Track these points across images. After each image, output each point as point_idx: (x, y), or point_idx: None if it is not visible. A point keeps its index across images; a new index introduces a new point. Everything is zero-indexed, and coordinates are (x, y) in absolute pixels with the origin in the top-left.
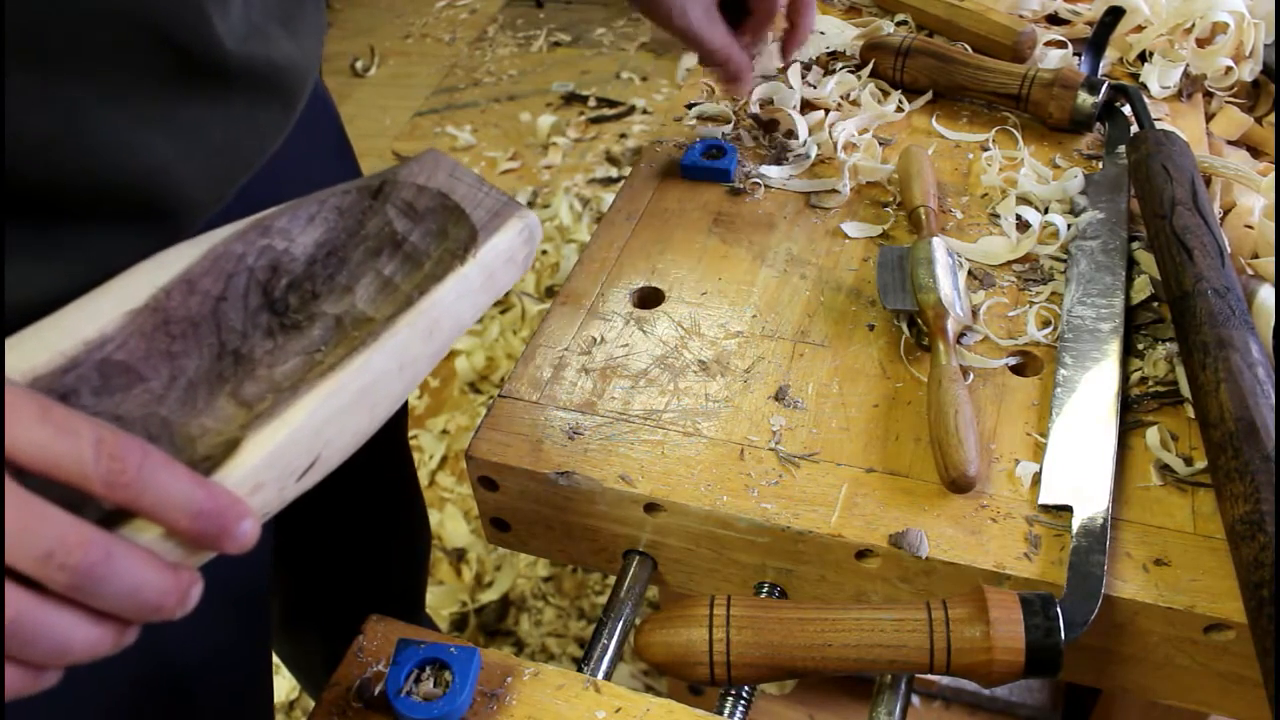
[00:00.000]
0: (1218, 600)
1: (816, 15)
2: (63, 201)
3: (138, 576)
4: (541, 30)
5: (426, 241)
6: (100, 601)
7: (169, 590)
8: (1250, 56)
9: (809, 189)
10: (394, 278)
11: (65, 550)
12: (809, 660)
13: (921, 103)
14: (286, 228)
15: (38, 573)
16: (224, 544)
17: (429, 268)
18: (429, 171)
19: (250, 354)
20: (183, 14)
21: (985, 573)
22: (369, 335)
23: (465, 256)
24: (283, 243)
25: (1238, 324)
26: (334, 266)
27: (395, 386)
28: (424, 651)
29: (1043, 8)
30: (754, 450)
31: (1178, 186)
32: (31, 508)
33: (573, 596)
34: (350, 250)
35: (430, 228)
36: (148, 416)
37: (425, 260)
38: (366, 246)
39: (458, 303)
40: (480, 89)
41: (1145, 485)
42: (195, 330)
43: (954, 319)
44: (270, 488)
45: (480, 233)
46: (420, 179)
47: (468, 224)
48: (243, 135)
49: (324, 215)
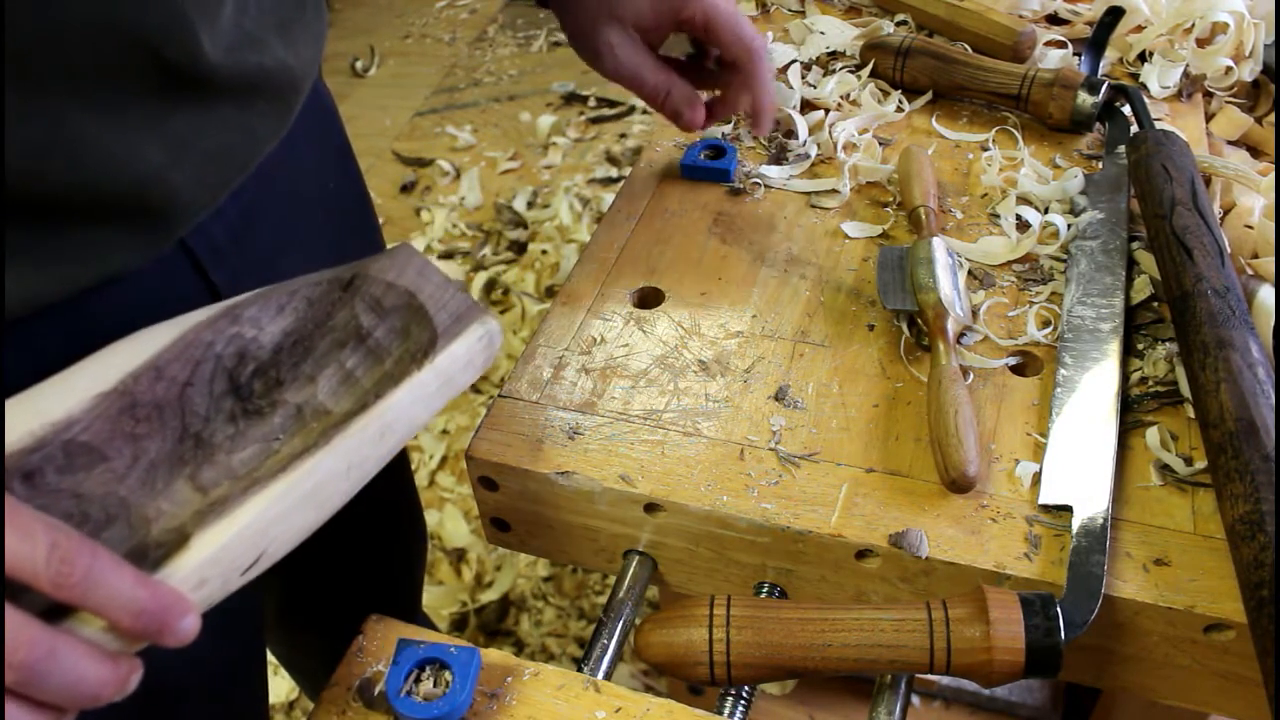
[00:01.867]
0: (1218, 600)
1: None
2: (57, 208)
3: (79, 670)
4: (541, 30)
5: (390, 339)
6: (42, 695)
7: (108, 681)
8: (1250, 56)
9: (809, 189)
10: (355, 371)
11: (12, 649)
12: (809, 660)
13: (921, 103)
14: (256, 316)
15: None
16: (164, 639)
17: (389, 366)
18: (399, 268)
19: (211, 439)
20: (169, 27)
21: (985, 573)
22: (322, 435)
23: (423, 361)
24: (252, 331)
25: (1238, 324)
26: (299, 355)
27: (342, 486)
28: (424, 651)
29: (1043, 8)
30: (754, 450)
31: (1178, 186)
32: None
33: (573, 596)
34: (316, 340)
35: (394, 325)
36: (107, 495)
37: (387, 358)
38: (333, 338)
39: (412, 406)
40: (480, 89)
41: (1145, 485)
42: (160, 414)
43: (954, 319)
44: (214, 583)
45: (440, 338)
46: (390, 275)
47: (430, 326)
48: (234, 141)
49: (294, 305)
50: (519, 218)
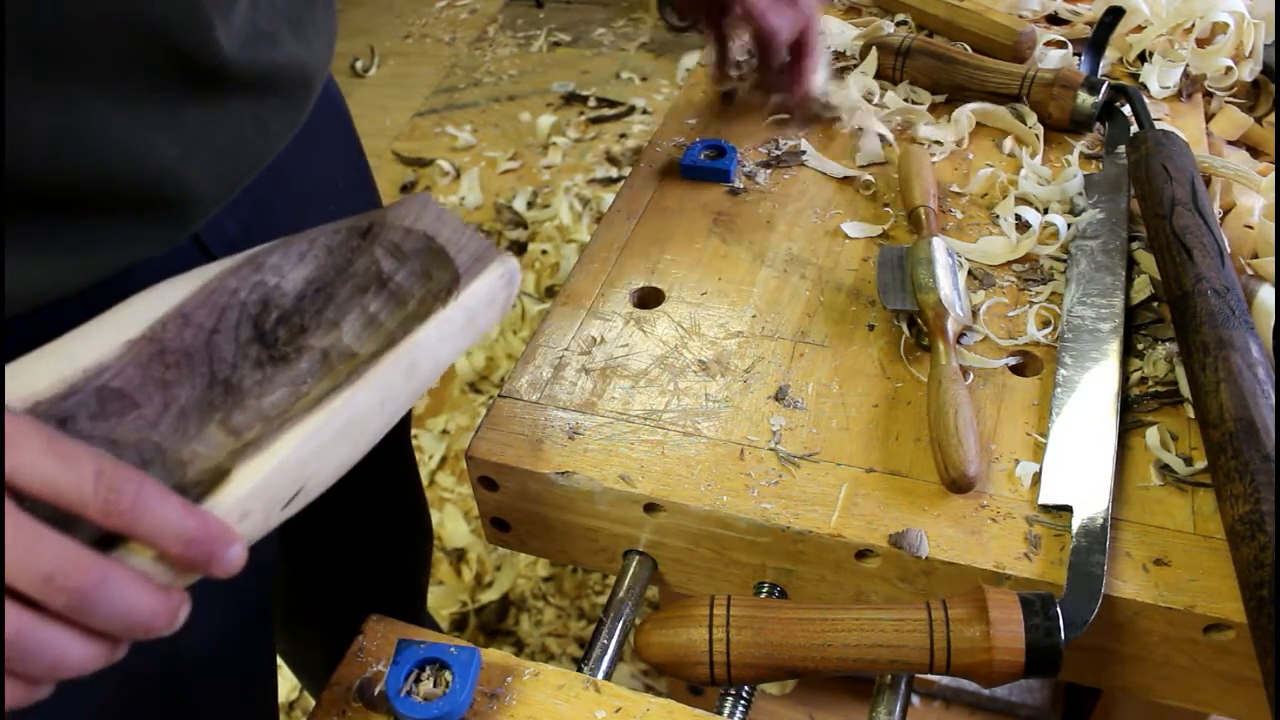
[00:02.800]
0: (1218, 600)
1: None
2: (72, 199)
3: (130, 599)
4: (541, 30)
5: (411, 282)
6: (95, 621)
7: (159, 612)
8: (1250, 56)
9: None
10: (379, 315)
11: (64, 574)
12: (809, 660)
13: (926, 104)
14: (278, 264)
15: (38, 593)
16: (212, 568)
17: (413, 307)
18: (416, 214)
19: (240, 384)
20: (186, 22)
21: (985, 573)
22: (353, 372)
23: (448, 299)
24: (274, 279)
25: (1238, 324)
26: (322, 302)
27: (376, 422)
28: (424, 651)
29: (1043, 8)
30: (754, 450)
31: (1178, 186)
32: (34, 532)
33: (573, 596)
34: (338, 287)
35: (415, 269)
36: (141, 441)
37: (410, 300)
38: (354, 284)
39: (439, 344)
40: (480, 89)
41: (1145, 485)
42: (189, 360)
43: (954, 319)
44: (257, 516)
45: (463, 276)
46: (408, 221)
47: (451, 267)
48: (248, 136)
49: (314, 253)
50: (519, 218)
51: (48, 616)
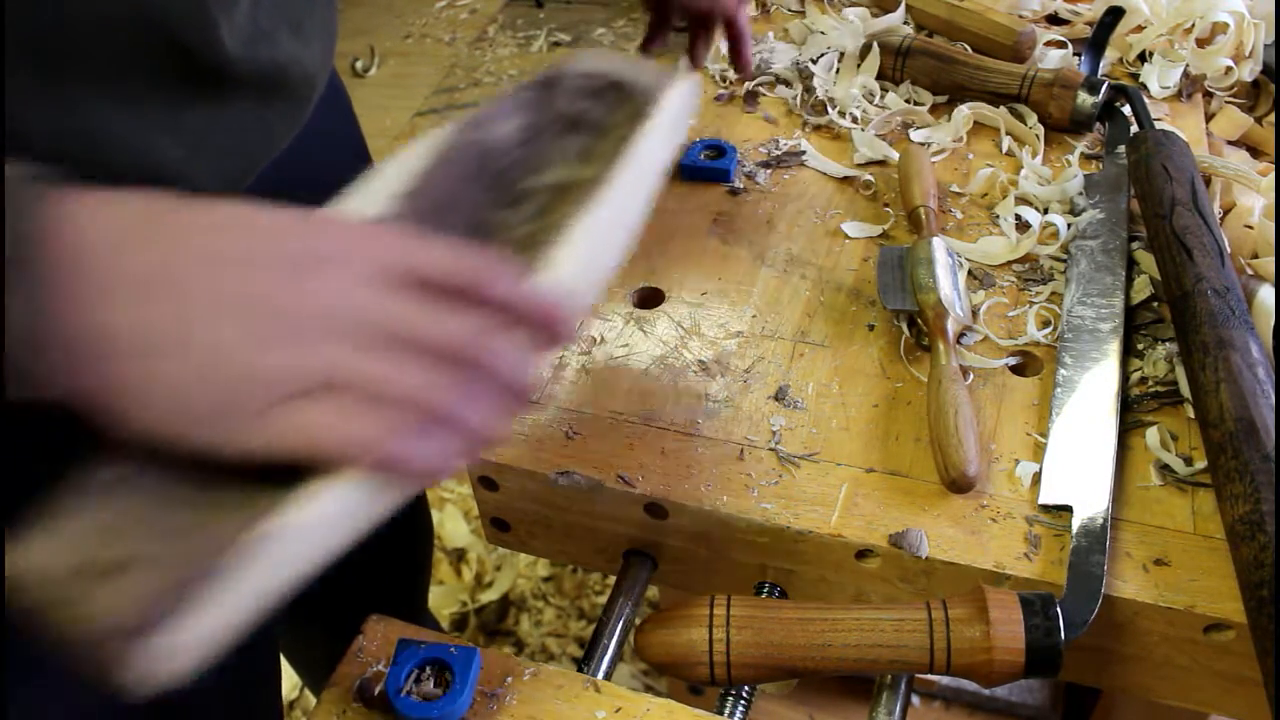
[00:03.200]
0: (1218, 600)
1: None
2: None
3: (519, 357)
4: (541, 30)
5: (605, 114)
6: (493, 375)
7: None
8: (1250, 56)
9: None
10: (590, 146)
11: (480, 333)
12: (809, 660)
13: (929, 105)
14: (491, 123)
15: (457, 352)
16: (559, 333)
17: (618, 133)
18: (589, 60)
19: (491, 223)
20: (189, 21)
21: (985, 573)
22: (585, 193)
23: (649, 111)
24: (490, 135)
25: (1238, 324)
26: (534, 147)
27: (620, 232)
28: (424, 651)
29: (1043, 8)
30: (754, 450)
31: (1178, 186)
32: (430, 303)
33: (573, 596)
34: (544, 132)
35: (606, 103)
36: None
37: (611, 129)
38: (556, 129)
39: (652, 153)
40: (480, 89)
41: (1145, 485)
42: (445, 211)
43: (954, 319)
44: (580, 298)
45: (655, 91)
46: (584, 68)
47: (639, 90)
48: (250, 136)
49: (516, 108)
50: None
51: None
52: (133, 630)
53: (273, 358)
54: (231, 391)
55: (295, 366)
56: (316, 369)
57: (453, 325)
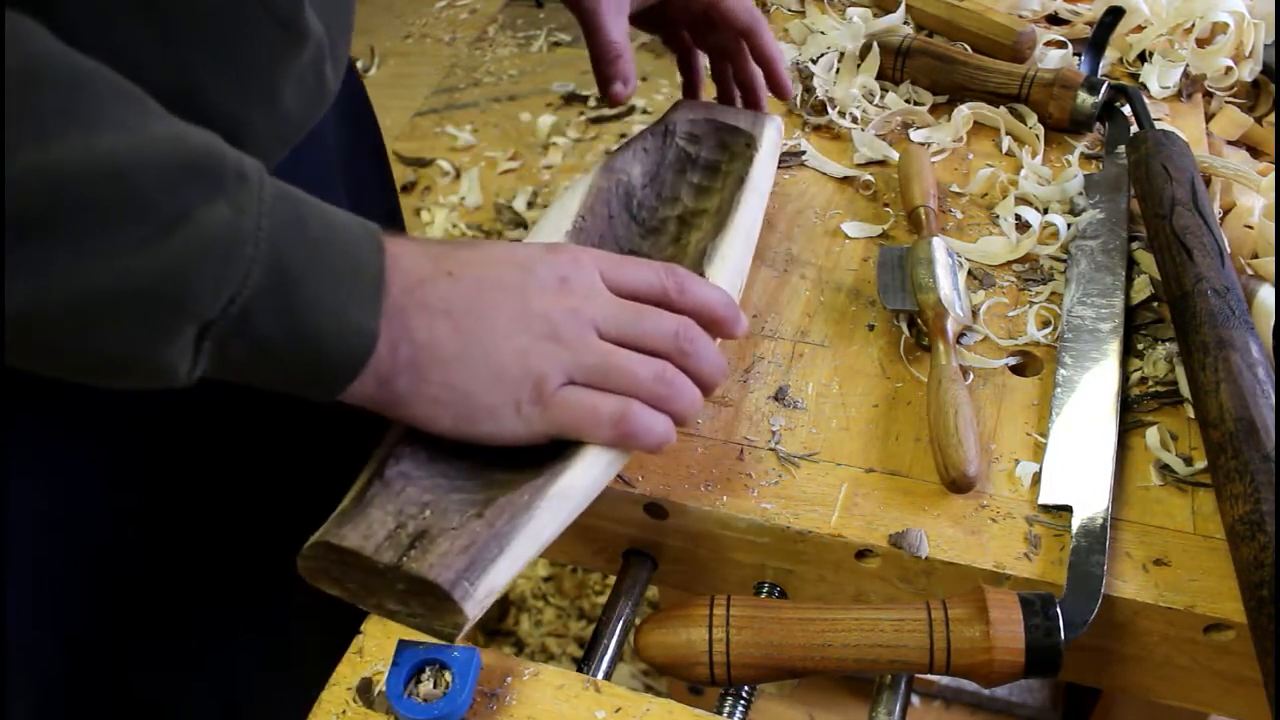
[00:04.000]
0: (1218, 600)
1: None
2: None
3: (713, 349)
4: (541, 30)
5: (714, 154)
6: (700, 364)
7: (723, 365)
8: (1250, 56)
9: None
10: (703, 182)
11: (685, 330)
12: (809, 660)
13: (929, 105)
14: (624, 166)
15: (670, 347)
16: (737, 330)
17: (726, 168)
18: (691, 110)
19: (641, 252)
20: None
21: (985, 573)
22: (720, 209)
23: (754, 146)
24: (625, 176)
25: (1238, 324)
26: (660, 185)
27: (755, 235)
28: (424, 652)
29: (1043, 8)
30: (754, 450)
31: (1178, 186)
32: (654, 311)
33: (573, 596)
34: (664, 173)
35: (713, 143)
36: None
37: (721, 164)
38: (674, 168)
39: (764, 174)
40: (480, 89)
41: (1145, 485)
42: (608, 241)
43: (954, 319)
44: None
45: (753, 131)
46: (690, 115)
47: (740, 131)
48: (305, 97)
49: (640, 153)
50: (519, 218)
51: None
52: (455, 582)
53: (547, 359)
54: (518, 388)
55: (564, 363)
56: (578, 364)
57: (666, 326)
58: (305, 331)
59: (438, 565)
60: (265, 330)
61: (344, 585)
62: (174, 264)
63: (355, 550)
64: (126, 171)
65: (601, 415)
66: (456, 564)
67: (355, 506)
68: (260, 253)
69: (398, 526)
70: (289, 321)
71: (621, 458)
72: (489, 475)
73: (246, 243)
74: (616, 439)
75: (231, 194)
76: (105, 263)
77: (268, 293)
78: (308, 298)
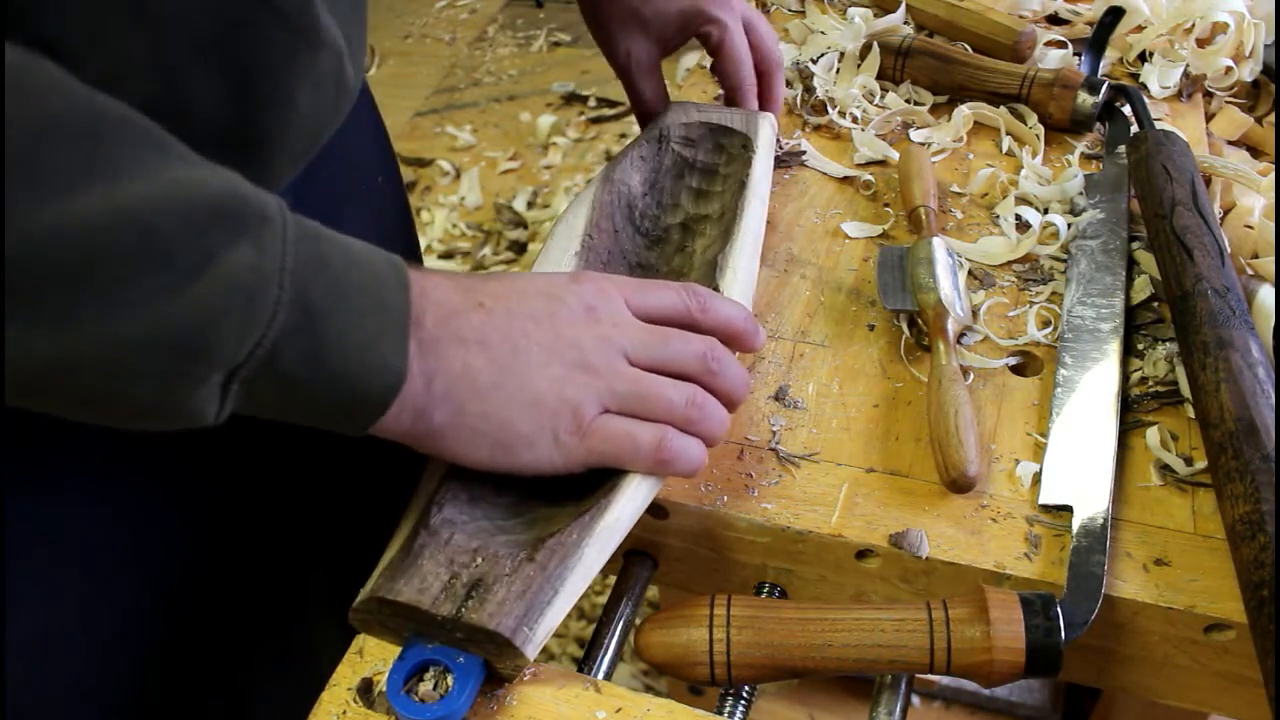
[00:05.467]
0: (1218, 600)
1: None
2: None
3: (739, 367)
4: (541, 30)
5: (710, 157)
6: (725, 383)
7: (746, 379)
8: (1250, 56)
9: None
10: (702, 186)
11: (712, 351)
12: (809, 660)
13: (929, 105)
14: (623, 177)
15: (697, 368)
16: (756, 343)
17: (724, 170)
18: (684, 112)
19: (648, 263)
20: None
21: (985, 573)
22: (723, 214)
23: (750, 147)
24: (624, 187)
25: (1238, 324)
26: (659, 193)
27: (760, 238)
28: (430, 652)
29: (1043, 8)
30: (754, 450)
31: (1178, 186)
32: (681, 334)
33: None
34: (663, 179)
35: (708, 146)
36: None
37: (719, 167)
38: (672, 174)
39: (763, 176)
40: (480, 89)
41: (1145, 485)
42: (611, 257)
43: (954, 319)
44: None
45: (748, 132)
46: (683, 119)
47: (735, 132)
48: (324, 102)
49: (638, 161)
50: (519, 218)
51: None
52: (516, 629)
53: (582, 389)
54: (556, 417)
55: (598, 392)
56: (612, 393)
57: (694, 348)
58: (333, 370)
59: (497, 614)
60: (292, 370)
61: (398, 633)
62: (200, 310)
63: (412, 605)
64: (149, 220)
65: (640, 443)
66: (515, 610)
67: (404, 558)
68: (285, 294)
69: (451, 577)
70: (316, 361)
71: (658, 484)
72: (530, 513)
73: (271, 284)
74: (655, 466)
75: (255, 235)
76: (132, 312)
77: (294, 333)
78: (334, 336)
